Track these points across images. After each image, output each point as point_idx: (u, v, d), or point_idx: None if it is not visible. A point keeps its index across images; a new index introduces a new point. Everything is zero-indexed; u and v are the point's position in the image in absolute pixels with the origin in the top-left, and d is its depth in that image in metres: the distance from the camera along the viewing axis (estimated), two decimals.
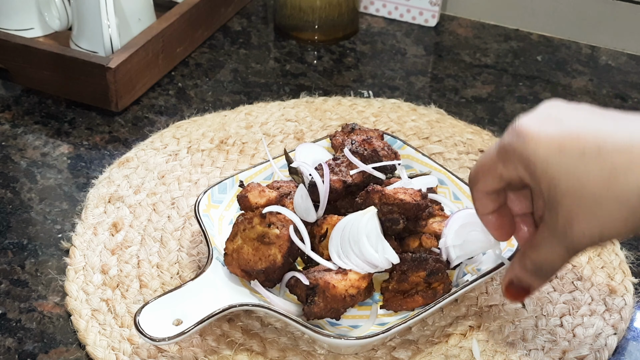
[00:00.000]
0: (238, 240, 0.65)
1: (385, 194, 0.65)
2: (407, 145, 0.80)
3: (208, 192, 0.73)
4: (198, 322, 0.60)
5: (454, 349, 0.66)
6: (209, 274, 0.64)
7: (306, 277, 0.62)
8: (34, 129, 0.92)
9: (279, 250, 0.63)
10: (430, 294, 0.64)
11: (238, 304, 0.62)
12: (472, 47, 1.12)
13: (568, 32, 1.14)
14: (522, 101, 1.00)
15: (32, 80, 0.96)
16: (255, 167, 0.77)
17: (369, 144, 0.73)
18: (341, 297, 0.62)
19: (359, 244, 0.63)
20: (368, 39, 1.13)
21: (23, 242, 0.76)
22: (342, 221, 0.65)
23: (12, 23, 1.01)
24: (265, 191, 0.68)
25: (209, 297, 0.62)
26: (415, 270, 0.64)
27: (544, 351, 0.66)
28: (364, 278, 0.64)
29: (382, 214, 0.65)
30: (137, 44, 0.94)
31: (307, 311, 0.62)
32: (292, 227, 0.64)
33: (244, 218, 0.66)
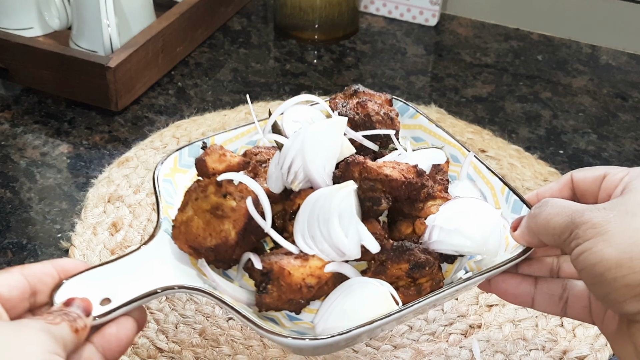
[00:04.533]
0: (188, 210, 0.55)
1: (367, 167, 0.55)
2: (420, 114, 0.68)
3: (175, 154, 0.63)
4: (123, 303, 0.49)
5: (454, 349, 0.66)
6: (152, 248, 0.54)
7: (261, 260, 0.53)
8: (34, 129, 0.92)
9: (233, 226, 0.53)
10: (414, 291, 0.55)
11: (175, 286, 0.52)
12: (473, 46, 1.12)
13: (568, 32, 1.14)
14: (522, 101, 1.00)
15: (32, 79, 0.96)
16: (237, 129, 0.66)
17: (362, 107, 0.62)
18: (297, 286, 0.52)
19: (328, 225, 0.53)
20: (368, 39, 1.13)
21: (22, 241, 0.76)
22: (313, 195, 0.54)
23: (12, 22, 1.01)
24: (226, 155, 0.56)
25: (146, 275, 0.52)
26: (395, 262, 0.54)
27: (544, 351, 0.66)
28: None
29: (362, 191, 0.55)
30: (136, 43, 0.94)
31: (258, 301, 0.53)
32: (251, 199, 0.53)
33: (197, 185, 0.55)
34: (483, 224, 0.55)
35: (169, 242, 0.55)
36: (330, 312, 0.52)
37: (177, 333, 0.66)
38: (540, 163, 0.88)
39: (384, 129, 0.62)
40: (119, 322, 0.48)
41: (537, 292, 0.56)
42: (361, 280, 0.53)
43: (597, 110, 0.99)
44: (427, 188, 0.58)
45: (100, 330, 0.48)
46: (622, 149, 0.92)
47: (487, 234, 0.55)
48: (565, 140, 0.93)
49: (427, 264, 0.54)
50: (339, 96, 0.67)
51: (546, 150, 0.91)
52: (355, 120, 0.61)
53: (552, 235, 0.50)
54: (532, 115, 0.97)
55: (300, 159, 0.55)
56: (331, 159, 0.56)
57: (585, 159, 0.90)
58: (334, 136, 0.56)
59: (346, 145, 0.57)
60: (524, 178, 0.85)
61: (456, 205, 0.56)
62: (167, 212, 0.58)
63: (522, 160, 0.88)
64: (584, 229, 0.47)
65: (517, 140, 0.92)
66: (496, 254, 0.56)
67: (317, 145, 0.55)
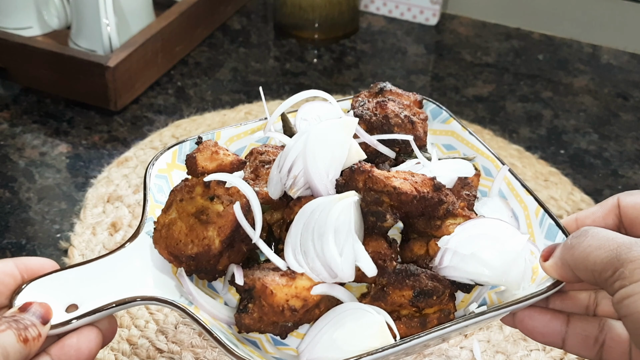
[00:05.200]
0: (172, 213, 0.49)
1: (373, 177, 0.48)
2: (453, 119, 0.61)
3: (174, 148, 0.56)
4: (87, 312, 0.45)
5: (454, 349, 0.66)
6: (130, 251, 0.49)
7: (245, 274, 0.48)
8: (33, 129, 0.91)
9: (217, 233, 0.48)
10: (417, 322, 0.48)
11: (145, 297, 0.46)
12: (473, 45, 1.11)
13: (569, 31, 1.13)
14: (523, 100, 1.00)
15: (31, 79, 0.96)
16: (247, 125, 0.60)
17: (382, 107, 0.56)
18: (279, 308, 0.46)
19: (322, 241, 0.46)
20: (368, 38, 1.13)
21: (21, 242, 0.76)
22: (309, 204, 0.48)
23: (11, 21, 1.01)
24: (219, 153, 0.51)
25: (120, 282, 0.47)
26: (397, 287, 0.48)
27: (545, 351, 0.66)
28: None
29: (365, 203, 0.48)
30: (136, 42, 0.93)
31: (237, 320, 0.47)
32: (239, 204, 0.48)
33: (184, 185, 0.50)
34: (505, 250, 0.48)
35: (150, 246, 0.50)
36: (317, 340, 0.46)
37: (177, 334, 0.66)
38: (541, 163, 0.88)
39: (403, 133, 0.55)
40: (81, 333, 0.44)
41: (569, 331, 0.49)
42: (355, 306, 0.47)
43: (598, 109, 0.98)
44: (447, 204, 0.50)
45: (59, 340, 0.44)
46: (624, 148, 0.91)
47: (509, 262, 0.48)
48: (566, 140, 0.93)
49: (435, 293, 0.48)
50: (363, 94, 0.60)
51: (547, 150, 0.91)
52: (372, 122, 0.55)
53: (592, 272, 0.43)
54: (533, 115, 0.97)
55: (302, 162, 0.49)
56: (336, 165, 0.49)
57: (586, 158, 0.90)
58: (342, 138, 0.49)
59: (355, 150, 0.51)
60: (524, 178, 0.85)
61: (475, 226, 0.49)
62: (154, 212, 0.52)
63: (522, 160, 0.88)
64: (631, 268, 0.40)
65: (518, 140, 0.92)
66: (519, 286, 0.49)
67: (321, 147, 0.49)
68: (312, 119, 0.58)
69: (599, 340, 0.48)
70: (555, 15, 1.13)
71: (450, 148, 0.61)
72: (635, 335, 0.40)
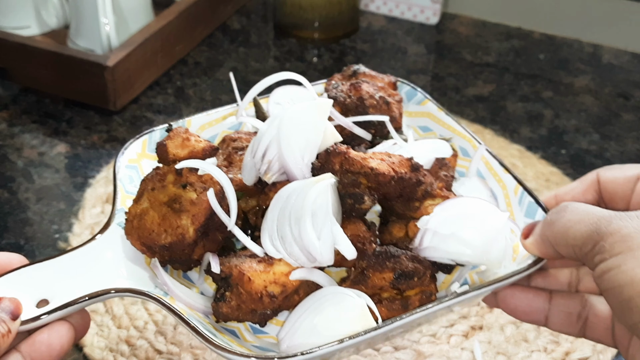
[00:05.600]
0: (144, 202, 0.48)
1: (350, 158, 0.47)
2: (428, 100, 0.61)
3: (144, 136, 0.55)
4: (58, 306, 0.44)
5: (455, 350, 0.65)
6: (101, 243, 0.48)
7: (221, 262, 0.47)
8: (32, 128, 0.91)
9: (191, 222, 0.47)
10: (399, 305, 0.47)
11: (119, 289, 0.45)
12: (474, 45, 1.11)
13: (570, 31, 1.13)
14: (524, 100, 0.99)
15: (30, 79, 0.96)
16: (218, 111, 0.59)
17: (356, 89, 0.55)
18: (257, 295, 0.45)
19: (300, 225, 0.45)
20: (368, 38, 1.12)
21: (20, 242, 0.76)
22: (285, 188, 0.47)
23: (9, 21, 1.00)
24: (190, 139, 0.49)
25: (92, 275, 0.46)
26: (378, 270, 0.47)
27: (546, 352, 0.65)
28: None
29: (342, 186, 0.47)
30: (135, 42, 0.93)
31: (214, 309, 0.47)
32: (213, 190, 0.47)
33: (155, 173, 0.49)
34: (485, 228, 0.48)
35: (121, 237, 0.49)
36: (297, 326, 0.46)
37: (176, 334, 0.66)
38: (542, 163, 0.88)
39: (379, 115, 0.54)
40: (52, 328, 0.43)
41: (551, 309, 0.48)
42: (335, 290, 0.47)
43: (599, 109, 0.98)
44: (425, 185, 0.49)
45: (30, 337, 0.43)
46: (625, 148, 0.91)
47: (489, 240, 0.47)
48: (567, 140, 0.92)
49: (416, 274, 0.47)
50: (336, 77, 0.60)
51: (548, 150, 0.90)
52: (347, 104, 0.54)
53: (572, 247, 0.42)
54: (533, 115, 0.96)
55: (276, 147, 0.48)
56: (311, 148, 0.48)
57: (587, 158, 0.89)
58: (317, 121, 0.48)
59: (330, 132, 0.50)
60: (525, 178, 0.84)
61: (455, 205, 0.49)
62: (125, 203, 0.51)
63: (523, 160, 0.88)
64: (611, 241, 0.39)
65: (519, 140, 0.92)
66: (500, 264, 0.48)
67: (295, 131, 0.48)
68: (286, 102, 0.56)
69: (581, 316, 0.48)
70: (556, 14, 1.13)
71: (426, 130, 0.60)
72: (617, 309, 0.40)
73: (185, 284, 0.50)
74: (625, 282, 0.38)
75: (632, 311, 0.38)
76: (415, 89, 0.61)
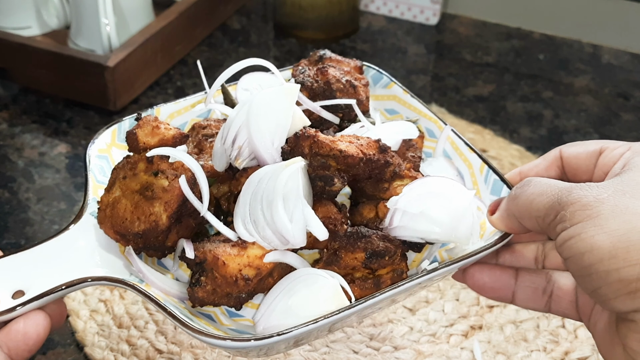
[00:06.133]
0: (115, 191, 0.49)
1: (319, 141, 0.48)
2: (394, 84, 0.62)
3: (114, 126, 0.55)
4: (34, 297, 0.44)
5: (455, 350, 0.65)
6: (74, 233, 0.48)
7: (195, 248, 0.48)
8: (32, 128, 0.91)
9: (164, 209, 0.47)
10: (371, 284, 0.48)
11: (93, 277, 0.46)
12: (474, 45, 1.11)
13: (570, 31, 1.13)
14: (523, 100, 0.99)
15: (30, 79, 0.96)
16: (187, 99, 0.59)
17: (322, 74, 0.55)
18: (232, 278, 0.46)
19: (272, 208, 0.46)
20: (368, 38, 1.12)
21: (20, 242, 0.76)
22: (256, 173, 0.48)
23: (10, 21, 1.00)
24: (160, 127, 0.50)
25: (66, 265, 0.46)
26: (350, 250, 0.48)
27: (545, 352, 0.65)
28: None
29: (312, 168, 0.48)
30: (135, 42, 0.93)
31: (190, 294, 0.47)
32: (185, 177, 0.47)
33: (126, 161, 0.50)
34: (453, 206, 0.48)
35: (94, 226, 0.49)
36: (272, 308, 0.46)
37: (177, 334, 0.66)
38: None
39: (346, 98, 0.55)
40: (28, 318, 0.43)
41: (518, 285, 0.49)
42: (309, 271, 0.47)
43: (599, 110, 0.98)
44: (393, 166, 0.50)
45: (6, 326, 0.43)
46: None
47: (457, 218, 0.48)
48: (567, 140, 0.92)
49: (387, 253, 0.48)
50: (303, 62, 0.60)
51: (548, 150, 0.90)
52: (314, 88, 0.54)
53: (535, 219, 0.43)
54: (533, 115, 0.97)
55: (246, 132, 0.49)
56: (281, 133, 0.49)
57: None
58: (285, 106, 0.49)
59: (299, 117, 0.51)
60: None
61: (422, 185, 0.50)
62: (97, 193, 0.51)
63: (523, 160, 0.88)
64: (571, 210, 0.40)
65: (519, 140, 0.92)
66: (468, 241, 0.49)
67: (264, 116, 0.48)
68: (254, 88, 0.57)
69: (546, 291, 0.49)
70: (556, 14, 1.13)
71: (392, 112, 0.61)
72: (578, 276, 0.41)
73: (160, 271, 0.50)
74: (585, 249, 0.39)
75: (591, 277, 0.39)
76: (381, 73, 0.62)
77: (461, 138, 0.57)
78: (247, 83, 0.58)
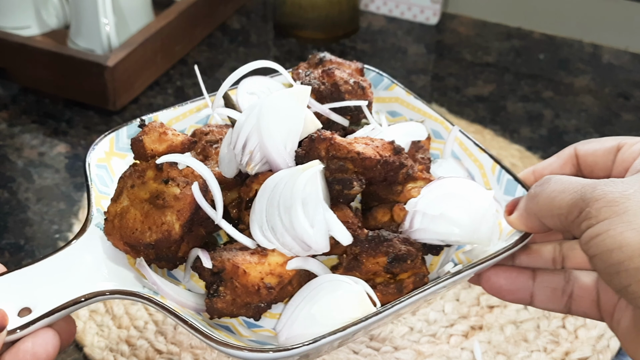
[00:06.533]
0: (123, 200, 0.47)
1: (336, 144, 0.47)
2: (396, 85, 0.61)
3: (110, 135, 0.53)
4: (43, 314, 0.42)
5: (455, 350, 0.65)
6: (80, 246, 0.46)
7: (211, 257, 0.46)
8: (31, 128, 0.91)
9: (176, 218, 0.45)
10: (394, 289, 0.47)
11: (106, 292, 0.44)
12: (474, 45, 1.11)
13: (570, 31, 1.13)
14: (524, 100, 0.99)
15: (29, 79, 0.96)
16: (185, 105, 0.58)
17: (329, 76, 0.54)
18: (254, 288, 0.44)
19: (290, 214, 0.45)
20: (368, 38, 1.12)
21: (20, 242, 0.76)
22: (271, 178, 0.46)
23: (9, 21, 1.00)
24: (167, 133, 0.48)
25: (73, 279, 0.44)
26: (371, 255, 0.46)
27: (546, 352, 0.65)
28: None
29: (329, 172, 0.47)
30: (135, 42, 0.93)
31: (208, 306, 0.46)
32: (198, 184, 0.46)
33: (133, 170, 0.48)
34: (473, 207, 0.47)
35: (101, 238, 0.47)
36: (295, 317, 0.45)
37: (176, 334, 0.66)
38: None
39: (355, 100, 0.53)
40: (37, 337, 0.41)
41: (536, 286, 0.48)
42: (331, 278, 0.46)
43: (599, 109, 0.98)
44: (407, 168, 0.49)
45: (13, 346, 0.40)
46: None
47: (478, 219, 0.47)
48: (567, 140, 0.92)
49: (409, 257, 0.46)
50: (302, 66, 0.59)
51: (548, 150, 0.90)
52: (321, 91, 0.53)
53: (558, 216, 0.42)
54: (533, 115, 0.96)
55: (257, 137, 0.47)
56: (293, 136, 0.48)
57: None
58: (296, 109, 0.48)
59: (310, 120, 0.49)
60: None
61: (441, 186, 0.49)
62: (101, 203, 0.49)
63: (523, 160, 0.88)
64: (597, 206, 0.39)
65: (519, 140, 0.92)
66: (489, 242, 0.48)
67: (275, 119, 0.47)
68: (261, 92, 0.55)
69: (566, 291, 0.48)
70: (556, 14, 1.13)
71: (395, 115, 0.60)
72: (605, 274, 0.39)
73: (172, 283, 0.49)
74: (613, 246, 0.38)
75: (620, 275, 0.38)
76: (382, 75, 0.61)
77: (470, 138, 0.56)
78: (248, 87, 0.57)
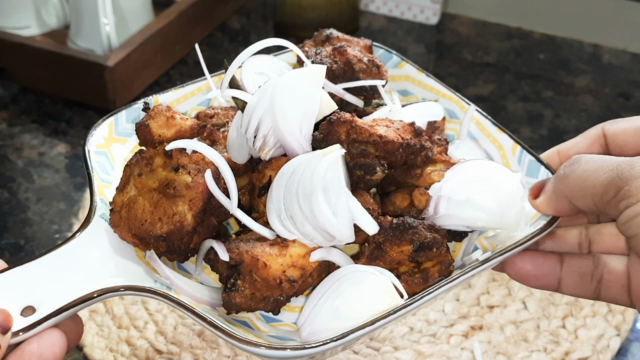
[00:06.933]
0: (130, 190, 0.44)
1: (357, 127, 0.44)
2: (406, 63, 0.57)
3: (109, 119, 0.49)
4: (50, 314, 0.39)
5: (455, 350, 0.65)
6: (85, 239, 0.43)
7: (227, 249, 0.43)
8: (31, 128, 0.91)
9: (189, 207, 0.42)
10: (419, 278, 0.44)
11: (117, 288, 0.41)
12: (474, 45, 1.11)
13: (570, 31, 1.13)
14: (524, 100, 0.99)
15: (29, 79, 0.96)
16: (186, 87, 0.54)
17: (341, 54, 0.50)
18: (276, 281, 0.41)
19: (311, 202, 0.41)
20: (368, 37, 1.12)
21: (20, 242, 0.76)
22: (289, 164, 0.43)
23: (9, 21, 1.00)
24: (175, 117, 0.45)
25: (79, 275, 0.41)
26: (396, 243, 0.43)
27: (546, 352, 0.65)
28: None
29: (350, 156, 0.44)
30: (135, 42, 0.93)
31: (225, 301, 0.43)
32: (210, 172, 0.43)
33: (140, 157, 0.45)
34: (499, 191, 0.45)
35: (106, 230, 0.44)
36: (317, 311, 0.42)
37: (176, 334, 0.66)
38: None
39: (370, 79, 0.50)
40: (42, 338, 0.38)
41: (564, 271, 0.45)
42: (355, 269, 0.43)
43: (599, 109, 0.98)
44: (426, 150, 0.46)
45: (18, 348, 0.38)
46: None
47: (505, 203, 0.44)
48: (568, 140, 0.92)
49: (435, 245, 0.43)
50: (307, 43, 0.54)
51: (548, 150, 0.90)
52: (334, 70, 0.49)
53: (591, 197, 0.39)
54: (534, 115, 0.96)
55: (270, 120, 0.44)
56: (309, 118, 0.44)
57: None
58: (311, 90, 0.44)
59: (326, 101, 0.46)
60: None
61: (465, 169, 0.46)
62: (104, 193, 0.46)
63: None
64: (637, 184, 0.36)
65: (519, 140, 0.92)
66: (517, 227, 0.45)
67: (290, 101, 0.44)
68: (272, 72, 0.52)
69: (595, 276, 0.45)
70: (556, 14, 1.12)
71: (406, 94, 0.56)
72: None
73: (184, 276, 0.46)
74: None
75: None
76: (391, 52, 0.57)
77: (488, 118, 0.52)
78: (252, 67, 0.53)
